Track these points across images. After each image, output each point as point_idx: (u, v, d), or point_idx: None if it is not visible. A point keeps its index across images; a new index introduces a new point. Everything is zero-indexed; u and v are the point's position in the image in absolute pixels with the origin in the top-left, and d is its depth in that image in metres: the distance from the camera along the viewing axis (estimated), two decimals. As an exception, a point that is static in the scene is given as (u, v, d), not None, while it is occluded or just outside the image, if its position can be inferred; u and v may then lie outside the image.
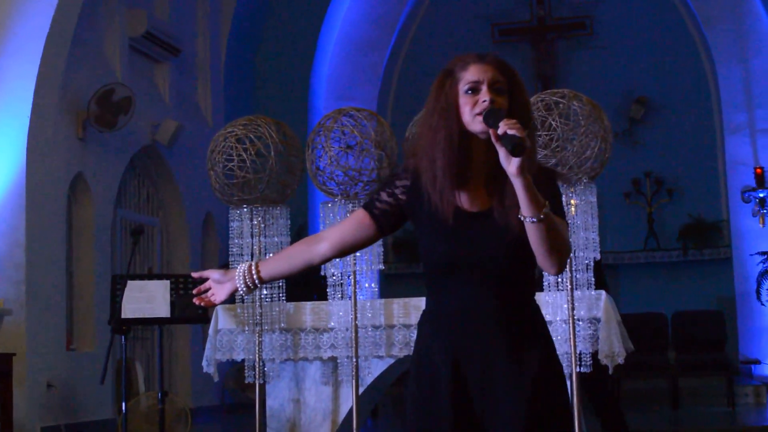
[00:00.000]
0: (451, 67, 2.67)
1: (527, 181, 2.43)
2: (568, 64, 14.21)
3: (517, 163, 2.40)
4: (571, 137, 5.39)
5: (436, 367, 2.59)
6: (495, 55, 2.67)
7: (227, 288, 2.76)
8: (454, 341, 2.57)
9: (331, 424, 5.95)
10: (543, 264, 2.52)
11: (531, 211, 2.45)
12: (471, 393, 2.55)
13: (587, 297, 5.45)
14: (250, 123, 5.91)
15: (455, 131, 2.59)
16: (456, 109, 2.59)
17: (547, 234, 2.47)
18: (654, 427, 8.26)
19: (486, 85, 2.57)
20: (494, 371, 2.54)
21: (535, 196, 2.44)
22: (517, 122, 2.43)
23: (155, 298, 6.12)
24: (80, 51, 9.66)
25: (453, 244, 2.57)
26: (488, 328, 2.56)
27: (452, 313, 2.59)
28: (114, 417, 9.19)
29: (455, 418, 2.54)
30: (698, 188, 13.60)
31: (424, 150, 2.63)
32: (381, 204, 2.67)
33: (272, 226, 5.96)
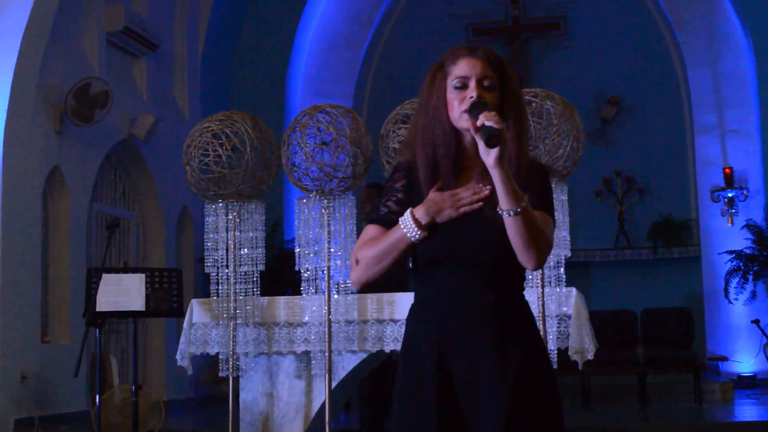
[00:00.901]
0: (442, 61, 2.65)
1: (505, 173, 2.41)
2: (541, 64, 14.31)
3: (495, 154, 2.39)
4: (543, 136, 5.43)
5: (423, 360, 2.57)
6: (486, 48, 2.64)
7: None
8: (441, 334, 2.55)
9: (303, 418, 5.98)
10: (521, 258, 2.50)
11: (508, 204, 2.43)
12: (456, 386, 2.54)
13: (557, 294, 5.50)
14: (227, 119, 5.95)
15: (446, 126, 2.58)
16: (446, 104, 2.59)
17: (525, 228, 2.44)
18: (622, 423, 8.36)
19: (474, 81, 2.56)
20: (480, 365, 2.52)
21: (513, 189, 2.42)
22: (496, 114, 2.42)
23: (130, 292, 6.14)
24: (58, 45, 9.67)
25: (446, 238, 2.54)
26: (476, 322, 2.54)
27: (441, 305, 2.57)
28: (88, 409, 9.21)
29: (440, 411, 2.52)
30: (668, 188, 13.75)
31: (421, 145, 2.62)
32: (393, 215, 2.61)
33: (247, 221, 6.00)
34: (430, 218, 2.51)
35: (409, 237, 2.52)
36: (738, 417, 9.23)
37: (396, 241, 2.54)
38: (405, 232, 2.52)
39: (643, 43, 14.05)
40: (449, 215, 2.50)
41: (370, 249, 2.57)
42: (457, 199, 2.50)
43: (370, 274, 2.59)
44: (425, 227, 2.51)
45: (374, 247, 2.57)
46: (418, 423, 2.55)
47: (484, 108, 2.47)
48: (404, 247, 2.54)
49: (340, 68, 14.23)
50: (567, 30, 14.25)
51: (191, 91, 12.48)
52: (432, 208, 2.51)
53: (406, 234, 2.52)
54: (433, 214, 2.50)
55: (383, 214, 2.64)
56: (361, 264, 2.59)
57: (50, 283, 9.71)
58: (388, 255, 2.56)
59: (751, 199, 12.50)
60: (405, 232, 2.52)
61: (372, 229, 2.63)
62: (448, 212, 2.50)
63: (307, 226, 5.83)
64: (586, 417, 9.17)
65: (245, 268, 5.97)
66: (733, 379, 11.56)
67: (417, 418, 2.55)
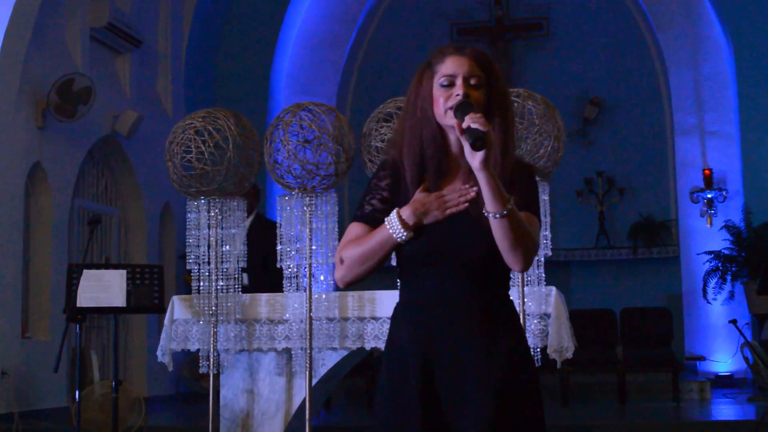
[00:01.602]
0: (430, 59, 2.64)
1: (491, 175, 2.40)
2: (524, 64, 14.37)
3: (480, 157, 2.38)
4: (525, 136, 5.46)
5: (407, 359, 2.57)
6: (473, 47, 2.64)
7: None
8: (426, 334, 2.55)
9: (284, 415, 5.99)
10: (507, 260, 2.49)
11: (494, 207, 2.42)
12: (439, 387, 2.53)
13: (538, 293, 5.53)
14: (209, 115, 5.95)
15: (434, 127, 2.57)
16: (432, 102, 2.58)
17: (511, 230, 2.44)
18: (601, 421, 8.41)
19: (461, 79, 2.55)
20: (463, 363, 2.52)
21: (499, 191, 2.41)
22: (482, 116, 2.42)
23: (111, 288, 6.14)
24: (41, 40, 9.65)
25: (432, 238, 2.53)
26: (461, 323, 2.54)
27: (426, 304, 2.56)
28: (68, 405, 9.20)
29: (423, 410, 2.52)
30: (648, 188, 13.83)
31: (408, 145, 2.61)
32: (378, 213, 2.60)
33: (229, 217, 6.01)
34: (417, 219, 2.50)
35: (395, 237, 2.51)
36: (715, 416, 9.30)
37: (382, 241, 2.53)
38: (391, 232, 2.51)
39: (624, 44, 14.12)
40: (436, 216, 2.49)
41: (355, 248, 2.56)
42: (444, 201, 2.49)
43: (355, 274, 2.58)
44: (411, 228, 2.50)
45: (359, 247, 2.56)
46: (401, 422, 2.54)
47: (470, 109, 2.46)
48: (390, 247, 2.54)
49: (324, 66, 14.25)
50: (549, 31, 14.31)
51: (175, 88, 12.48)
52: (419, 209, 2.50)
53: (392, 234, 2.51)
54: (420, 215, 2.50)
55: (368, 212, 2.63)
56: (345, 263, 2.58)
57: (31, 279, 9.69)
58: (373, 255, 2.55)
59: (730, 201, 12.60)
60: (391, 232, 2.51)
61: (356, 228, 2.62)
62: (434, 213, 2.49)
63: (289, 223, 5.84)
64: (565, 415, 9.22)
65: (227, 264, 5.98)
66: (711, 378, 11.64)
67: (400, 417, 2.55)
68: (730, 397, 10.39)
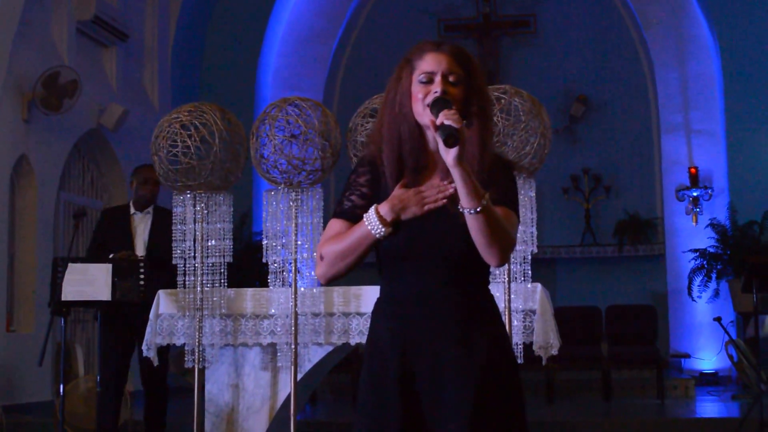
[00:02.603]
0: (409, 56, 2.64)
1: (465, 171, 2.41)
2: (511, 61, 14.38)
3: (454, 153, 2.38)
4: (511, 132, 5.47)
5: (386, 353, 2.58)
6: (453, 43, 2.64)
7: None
8: (405, 329, 2.56)
9: (269, 410, 5.99)
10: (484, 255, 2.50)
11: (469, 203, 2.42)
12: (419, 382, 2.54)
13: (523, 289, 5.54)
14: (195, 109, 5.94)
15: (413, 123, 2.58)
16: (411, 99, 2.58)
17: (487, 226, 2.44)
18: (586, 418, 8.44)
19: (440, 76, 2.55)
20: (442, 358, 2.52)
21: (473, 187, 2.42)
22: (456, 113, 2.42)
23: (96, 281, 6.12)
24: (27, 33, 9.61)
25: (410, 234, 2.54)
26: (440, 318, 2.54)
27: (405, 299, 2.58)
28: (52, 399, 9.18)
29: (403, 405, 2.53)
30: (634, 186, 13.87)
31: (387, 141, 2.61)
32: (358, 209, 2.61)
33: (215, 212, 6.00)
34: (395, 215, 2.50)
35: (373, 233, 2.51)
36: (699, 413, 9.35)
37: (361, 237, 2.54)
38: (369, 228, 2.52)
39: (611, 42, 14.15)
40: (414, 212, 2.49)
41: (335, 245, 2.57)
42: (422, 197, 2.49)
43: (336, 270, 2.59)
44: (390, 224, 2.50)
45: (339, 243, 2.56)
46: (381, 418, 2.55)
47: (445, 105, 2.47)
48: (369, 243, 2.54)
49: (311, 62, 14.23)
50: (537, 28, 14.33)
51: (161, 82, 12.45)
52: (397, 205, 2.50)
53: (370, 230, 2.52)
54: (398, 211, 2.50)
55: (347, 209, 2.63)
56: (325, 260, 2.58)
57: (16, 272, 9.66)
58: (353, 251, 2.55)
59: (716, 199, 12.65)
60: (369, 228, 2.52)
61: (336, 224, 2.62)
62: (412, 210, 2.49)
63: (275, 218, 5.84)
64: (549, 412, 9.25)
65: (212, 259, 5.97)
66: (695, 375, 11.70)
67: (381, 412, 2.55)
68: (714, 395, 10.44)
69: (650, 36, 13.36)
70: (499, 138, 5.39)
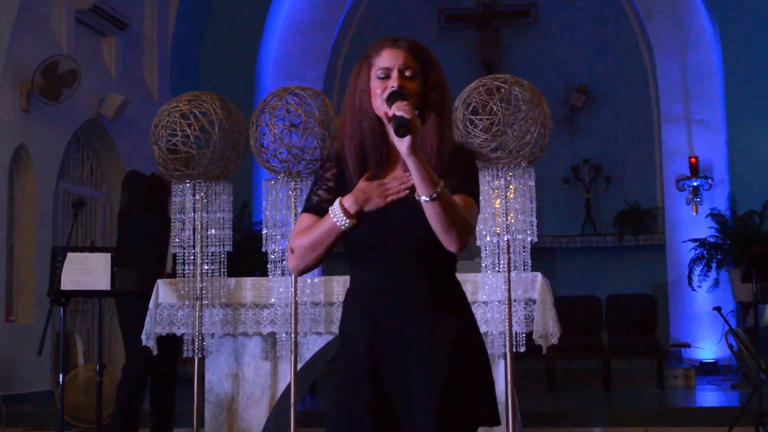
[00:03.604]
0: (368, 53, 2.72)
1: (419, 160, 2.46)
2: (511, 51, 14.36)
3: (407, 143, 2.44)
4: (511, 122, 5.46)
5: (355, 342, 2.64)
6: (409, 39, 2.70)
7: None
8: (372, 316, 2.62)
9: (269, 399, 5.99)
10: (443, 241, 2.55)
11: (423, 190, 2.48)
12: (387, 368, 2.59)
13: (523, 278, 5.54)
14: (195, 99, 5.92)
15: (372, 118, 2.65)
16: (370, 94, 2.65)
17: (442, 212, 2.49)
18: (586, 407, 8.44)
19: (396, 71, 2.63)
20: (408, 345, 2.58)
21: (427, 175, 2.47)
22: (408, 104, 2.48)
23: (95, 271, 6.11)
24: (26, 22, 9.59)
25: (374, 224, 2.61)
26: (404, 302, 2.61)
27: (371, 288, 2.64)
28: (52, 389, 9.19)
29: (372, 394, 2.58)
30: (635, 176, 13.87)
31: (349, 137, 2.68)
32: (325, 203, 2.68)
33: (215, 201, 5.99)
34: (359, 207, 2.60)
35: (339, 225, 2.61)
36: (699, 402, 9.35)
37: (327, 229, 2.63)
38: (335, 220, 2.61)
39: (612, 32, 14.13)
40: (377, 204, 2.59)
41: (304, 238, 2.65)
42: (385, 189, 2.59)
43: (306, 262, 2.68)
44: (353, 215, 2.60)
45: (308, 236, 2.65)
46: (351, 404, 2.60)
47: (400, 98, 2.53)
48: (335, 235, 2.63)
49: (311, 51, 14.20)
50: (537, 18, 14.30)
51: (160, 72, 12.43)
52: (360, 197, 2.60)
53: (336, 223, 2.61)
54: (362, 203, 2.60)
55: (315, 203, 2.72)
56: (296, 253, 2.67)
57: (15, 262, 9.66)
58: (321, 243, 2.64)
59: (716, 189, 12.65)
60: (335, 220, 2.61)
61: (305, 219, 2.71)
62: (376, 201, 2.59)
63: (275, 207, 5.83)
64: (549, 401, 9.26)
65: (212, 248, 5.96)
66: (695, 365, 11.71)
67: (350, 399, 2.61)
68: (714, 384, 10.45)
69: (650, 26, 13.34)
70: (499, 127, 5.38)
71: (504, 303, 5.45)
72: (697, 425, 7.76)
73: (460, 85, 5.62)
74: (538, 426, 7.63)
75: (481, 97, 5.42)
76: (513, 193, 5.56)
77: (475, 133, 5.36)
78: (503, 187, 5.50)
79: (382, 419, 2.58)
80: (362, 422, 2.57)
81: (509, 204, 5.50)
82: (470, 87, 5.46)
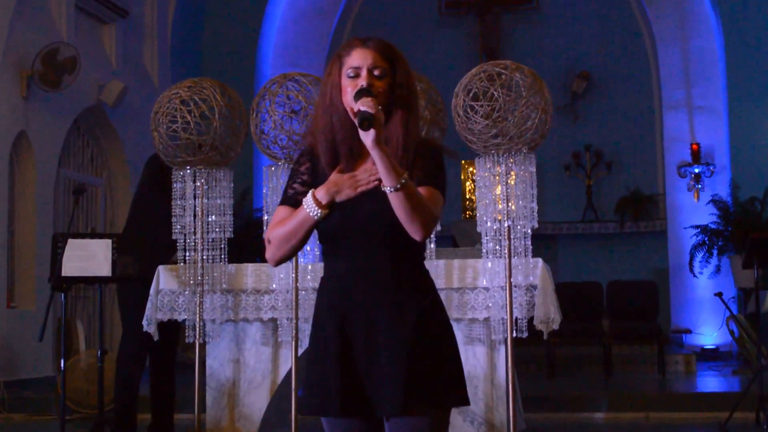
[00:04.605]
0: (340, 52, 2.83)
1: (383, 153, 2.59)
2: (513, 38, 14.33)
3: (372, 136, 2.57)
4: (512, 108, 5.45)
5: (326, 327, 2.75)
6: (378, 39, 2.83)
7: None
8: (342, 301, 2.73)
9: (270, 385, 6.01)
10: (408, 230, 2.67)
11: (388, 181, 2.61)
12: (355, 348, 2.70)
13: (524, 264, 5.54)
14: (195, 85, 5.92)
15: (342, 113, 2.76)
16: (341, 92, 2.77)
17: (407, 203, 2.62)
18: (587, 392, 8.46)
19: (365, 70, 2.75)
20: (375, 328, 2.69)
21: (392, 167, 2.60)
22: (372, 100, 2.63)
23: (96, 257, 6.11)
24: (26, 9, 9.57)
25: (344, 214, 2.72)
26: (372, 288, 2.73)
27: (342, 274, 2.76)
28: (53, 374, 9.21)
29: (341, 376, 2.67)
30: (636, 162, 13.86)
31: (321, 132, 2.81)
32: (299, 196, 2.80)
33: (215, 188, 6.00)
34: (330, 198, 2.71)
35: (311, 216, 2.73)
36: (700, 388, 9.37)
37: (301, 220, 2.75)
38: (308, 211, 2.73)
39: (613, 18, 14.10)
40: (348, 194, 2.71)
41: (280, 229, 2.77)
42: (356, 180, 2.70)
43: (282, 253, 2.79)
44: (325, 206, 2.72)
45: (283, 227, 2.77)
46: (322, 391, 2.70)
47: (366, 95, 2.67)
48: (309, 225, 2.75)
49: (312, 38, 14.17)
50: (539, 4, 14.27)
51: (161, 58, 12.41)
52: (332, 188, 2.71)
53: (308, 213, 2.73)
54: (333, 194, 2.71)
55: (290, 196, 2.84)
56: (272, 244, 2.78)
57: (16, 249, 9.67)
58: (295, 234, 2.76)
59: (717, 175, 12.64)
60: (308, 211, 2.73)
61: (281, 211, 2.82)
62: (347, 192, 2.71)
63: (276, 194, 5.83)
64: (551, 386, 9.27)
65: (213, 235, 5.97)
66: (696, 351, 11.72)
67: (321, 385, 2.70)
68: (715, 370, 10.46)
69: (652, 12, 13.31)
70: (500, 113, 5.37)
71: (505, 289, 5.45)
72: (698, 411, 7.77)
73: (461, 71, 5.61)
74: (539, 412, 7.64)
75: (482, 83, 5.42)
76: (514, 179, 5.55)
77: (476, 119, 5.35)
78: (504, 174, 5.49)
79: (352, 398, 2.67)
80: (332, 402, 2.67)
81: (510, 190, 5.50)
82: (471, 73, 5.46)
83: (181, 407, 6.83)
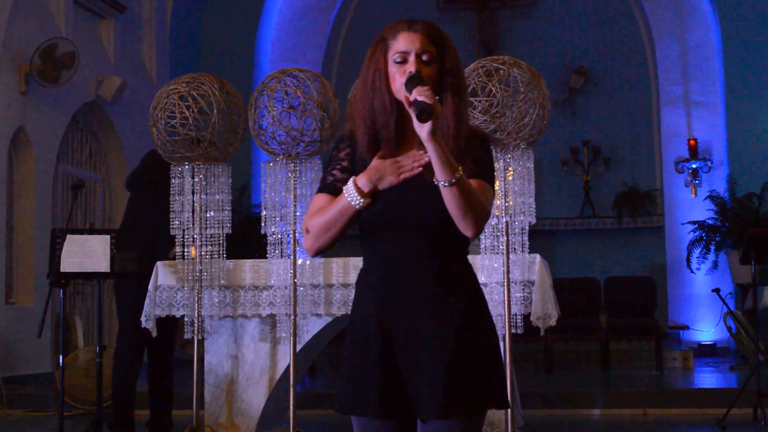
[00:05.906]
0: (384, 35, 2.68)
1: (439, 145, 2.47)
2: (511, 33, 14.32)
3: (427, 128, 2.44)
4: (510, 103, 5.45)
5: (367, 323, 2.63)
6: (425, 22, 2.68)
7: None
8: (384, 296, 2.62)
9: (268, 381, 6.01)
10: (459, 226, 2.56)
11: (443, 176, 2.49)
12: (397, 345, 2.59)
13: (522, 260, 5.55)
14: (194, 81, 5.92)
15: (387, 98, 2.63)
16: (386, 77, 2.63)
17: (461, 198, 2.50)
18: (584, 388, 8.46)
19: (413, 56, 2.61)
20: (418, 326, 2.58)
21: (447, 161, 2.48)
22: (429, 89, 2.48)
23: (95, 253, 6.11)
24: (24, 5, 9.56)
25: (388, 203, 2.60)
26: (415, 283, 2.60)
27: (384, 268, 2.63)
28: (51, 370, 9.21)
29: (382, 373, 2.57)
30: (634, 158, 13.87)
31: (361, 116, 2.67)
32: (339, 183, 2.67)
33: (213, 183, 6.00)
34: (372, 185, 2.58)
35: (353, 205, 2.59)
36: (697, 384, 9.39)
37: (342, 209, 2.61)
38: (349, 200, 2.59)
39: (611, 14, 14.10)
40: (390, 182, 2.57)
41: (319, 218, 2.64)
42: (398, 167, 2.57)
43: (321, 243, 2.65)
44: (367, 194, 2.58)
45: (322, 216, 2.63)
46: (361, 387, 2.60)
47: (419, 82, 2.52)
48: (350, 214, 2.61)
49: (310, 33, 14.17)
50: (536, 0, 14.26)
51: (159, 54, 12.40)
52: (374, 175, 2.58)
53: (350, 202, 2.59)
54: (375, 181, 2.58)
55: (329, 183, 2.70)
56: (311, 233, 2.65)
57: (14, 245, 9.66)
58: (335, 223, 2.62)
59: (715, 171, 12.65)
60: (349, 200, 2.59)
61: (320, 199, 2.69)
62: (389, 179, 2.57)
63: (274, 189, 5.83)
64: (548, 382, 9.29)
65: (211, 230, 5.97)
66: (694, 347, 11.74)
67: (361, 381, 2.60)
68: (712, 366, 10.48)
69: (650, 7, 13.31)
70: (498, 109, 5.38)
71: (502, 285, 5.46)
72: (696, 407, 7.79)
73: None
74: (537, 407, 7.65)
75: (480, 79, 5.42)
76: (512, 174, 5.56)
77: (474, 114, 5.36)
78: (502, 169, 5.50)
79: (392, 397, 2.57)
80: (371, 400, 2.57)
81: (508, 186, 5.50)
82: (469, 68, 5.46)
83: (179, 403, 6.83)
